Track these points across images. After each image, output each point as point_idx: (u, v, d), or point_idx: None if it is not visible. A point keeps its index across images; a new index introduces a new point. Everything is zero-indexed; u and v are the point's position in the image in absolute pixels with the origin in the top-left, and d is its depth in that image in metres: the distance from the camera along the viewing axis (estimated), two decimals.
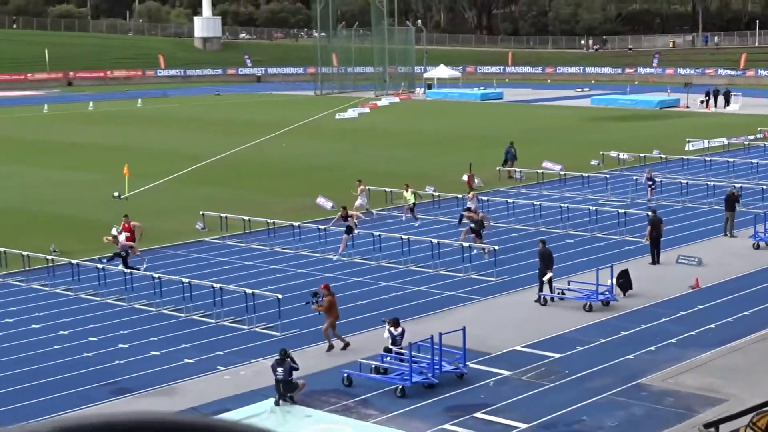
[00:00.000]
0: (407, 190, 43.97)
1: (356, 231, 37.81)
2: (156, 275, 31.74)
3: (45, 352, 26.84)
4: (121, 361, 26.05)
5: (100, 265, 33.68)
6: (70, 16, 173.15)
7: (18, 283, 34.11)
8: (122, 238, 35.71)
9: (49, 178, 56.85)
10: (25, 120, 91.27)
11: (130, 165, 51.25)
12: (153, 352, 26.73)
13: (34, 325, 29.32)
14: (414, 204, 43.45)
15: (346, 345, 26.43)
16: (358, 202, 43.79)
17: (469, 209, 38.98)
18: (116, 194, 49.38)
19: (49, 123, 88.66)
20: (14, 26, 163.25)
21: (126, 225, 36.37)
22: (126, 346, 27.28)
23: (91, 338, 27.97)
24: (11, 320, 29.82)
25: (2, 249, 35.79)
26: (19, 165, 61.92)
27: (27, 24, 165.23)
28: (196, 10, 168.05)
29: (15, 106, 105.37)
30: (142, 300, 31.38)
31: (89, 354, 26.64)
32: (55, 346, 27.32)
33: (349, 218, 37.41)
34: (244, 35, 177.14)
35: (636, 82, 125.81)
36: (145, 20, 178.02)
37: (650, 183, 47.22)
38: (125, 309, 30.83)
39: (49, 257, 35.41)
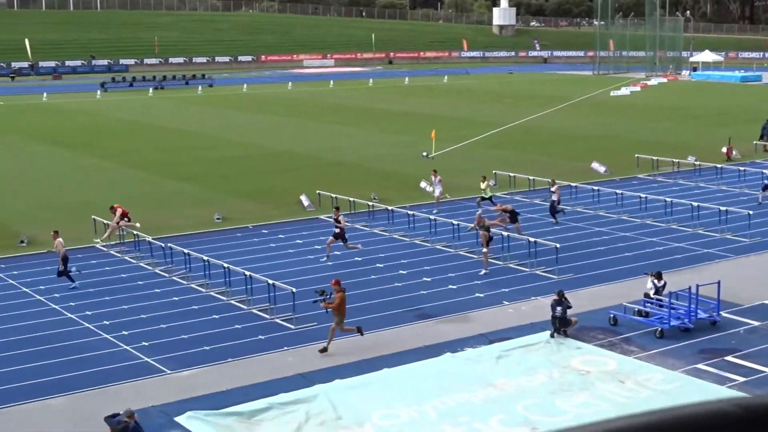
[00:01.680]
0: (483, 182, 37.02)
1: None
2: (456, 222, 32.00)
3: (364, 281, 27.55)
4: (425, 292, 26.43)
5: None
6: (393, 7, 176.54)
7: (345, 224, 35.13)
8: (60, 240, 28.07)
9: (371, 138, 58.31)
10: (355, 91, 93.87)
11: (436, 130, 51.88)
12: (450, 286, 26.97)
13: (356, 258, 30.17)
14: (483, 197, 36.60)
15: (360, 330, 22.18)
16: (436, 193, 37.97)
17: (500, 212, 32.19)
18: (425, 154, 50.06)
19: (373, 94, 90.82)
20: (363, 14, 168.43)
21: (120, 210, 32.00)
22: (429, 279, 27.66)
23: (401, 271, 28.51)
24: (338, 253, 30.77)
25: (335, 195, 36.96)
26: (348, 127, 63.85)
27: (358, 13, 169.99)
28: (495, 1, 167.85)
29: (347, 80, 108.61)
30: (443, 242, 31.68)
31: (399, 284, 27.17)
32: (372, 276, 28.02)
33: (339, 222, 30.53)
34: (534, 23, 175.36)
35: None
36: (452, 10, 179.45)
37: None
38: (429, 249, 31.20)
39: (369, 203, 36.30)
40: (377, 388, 19.49)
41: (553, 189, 34.96)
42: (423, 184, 40.30)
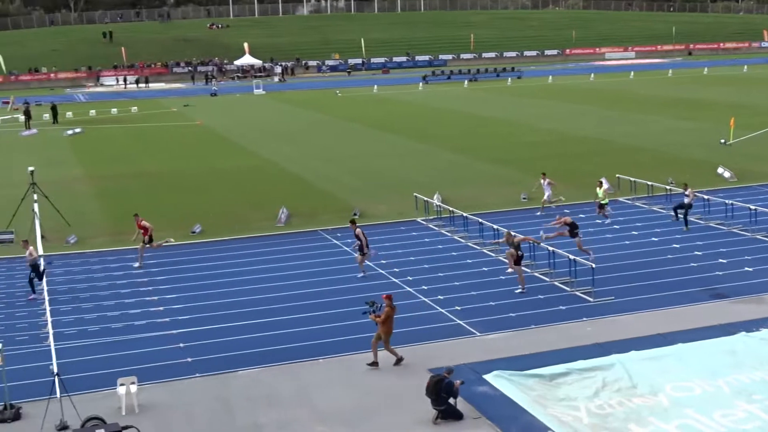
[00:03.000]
0: (600, 187, 32.12)
1: (369, 252, 26.02)
2: (753, 207, 30.01)
3: (659, 260, 26.52)
4: (720, 273, 25.06)
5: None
6: (693, 0, 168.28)
7: (642, 206, 34.03)
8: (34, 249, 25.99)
9: (670, 126, 55.88)
10: (654, 81, 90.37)
11: (735, 118, 48.91)
12: (746, 268, 25.38)
13: (653, 238, 29.12)
14: (604, 203, 31.62)
15: (399, 360, 19.40)
16: (545, 196, 33.62)
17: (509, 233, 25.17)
18: (722, 141, 47.35)
19: (672, 84, 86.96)
20: (672, 9, 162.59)
21: (138, 223, 28.25)
22: (725, 261, 26.18)
23: (696, 252, 27.19)
24: (636, 233, 29.81)
25: (633, 179, 35.88)
26: (647, 115, 61.54)
27: (659, 7, 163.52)
28: None
29: (647, 71, 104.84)
30: (739, 226, 29.85)
31: (695, 264, 25.93)
32: (668, 256, 26.91)
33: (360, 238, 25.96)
34: None
35: None
36: (753, 2, 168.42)
37: None
38: (724, 232, 29.52)
39: (667, 187, 34.86)
40: (671, 361, 18.73)
41: (687, 192, 31.03)
42: (720, 170, 38.17)
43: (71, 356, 20.43)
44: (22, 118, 67.74)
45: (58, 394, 17.22)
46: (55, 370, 18.39)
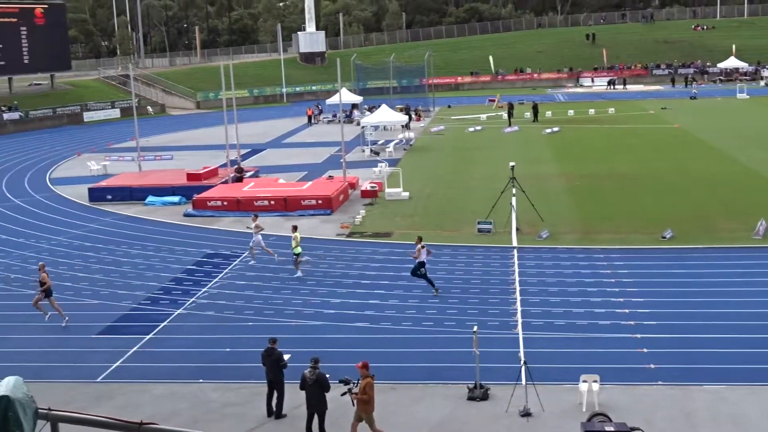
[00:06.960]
0: (294, 231, 27.82)
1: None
2: None
3: None
4: None
5: None
6: None
7: None
8: None
9: None
10: None
11: None
12: None
13: None
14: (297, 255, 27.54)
15: None
16: (255, 238, 29.38)
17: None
18: None
19: None
20: None
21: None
22: None
23: None
24: None
25: None
26: None
27: None
28: None
29: None
30: None
31: None
32: None
33: None
34: None
35: None
36: None
37: None
38: None
39: None
40: None
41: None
42: None
43: (537, 346, 21.10)
44: (505, 115, 71.45)
45: (523, 381, 17.89)
46: (523, 358, 19.12)
